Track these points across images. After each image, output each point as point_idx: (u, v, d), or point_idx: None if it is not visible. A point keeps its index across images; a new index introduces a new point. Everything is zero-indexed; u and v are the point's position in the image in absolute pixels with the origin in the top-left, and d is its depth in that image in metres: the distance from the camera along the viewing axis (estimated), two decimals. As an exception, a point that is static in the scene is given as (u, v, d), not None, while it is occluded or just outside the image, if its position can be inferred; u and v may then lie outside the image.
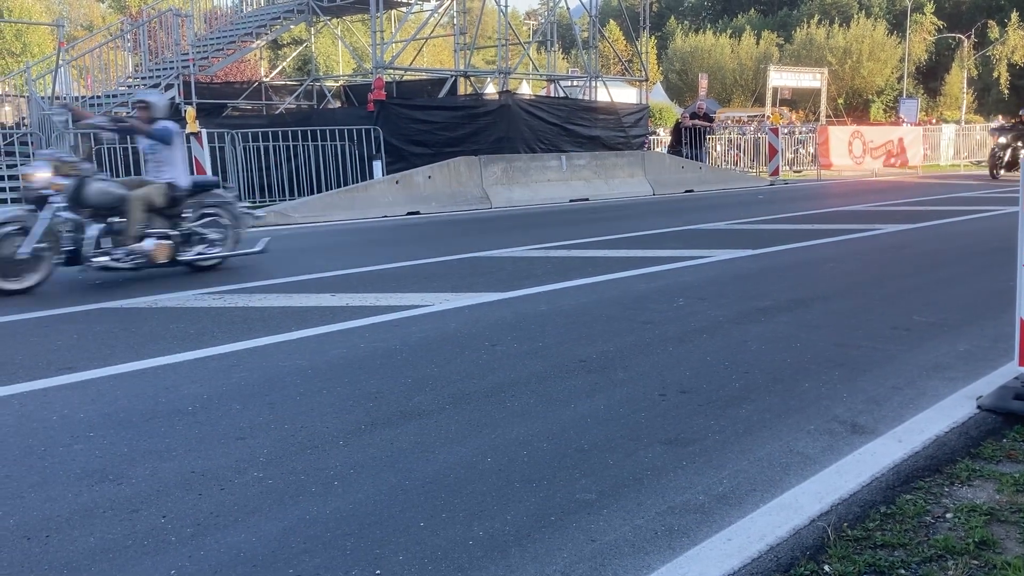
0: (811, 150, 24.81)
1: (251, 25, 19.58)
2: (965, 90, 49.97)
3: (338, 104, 21.55)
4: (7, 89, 20.30)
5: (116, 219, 7.70)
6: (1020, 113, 14.79)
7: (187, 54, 18.00)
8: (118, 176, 13.31)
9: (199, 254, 8.19)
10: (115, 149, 13.48)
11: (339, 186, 14.84)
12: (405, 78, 22.04)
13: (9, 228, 7.15)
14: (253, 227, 9.47)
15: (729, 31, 63.31)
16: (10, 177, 13.51)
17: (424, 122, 16.69)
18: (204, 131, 13.00)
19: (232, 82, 23.48)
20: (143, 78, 18.23)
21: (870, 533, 2.90)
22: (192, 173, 12.57)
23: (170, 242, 7.92)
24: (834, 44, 56.91)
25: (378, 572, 2.69)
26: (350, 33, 28.21)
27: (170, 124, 8.17)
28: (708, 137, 22.14)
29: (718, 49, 60.25)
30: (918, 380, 4.61)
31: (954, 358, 5.03)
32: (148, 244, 7.74)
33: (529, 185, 16.26)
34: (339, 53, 38.09)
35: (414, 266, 8.56)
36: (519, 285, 7.32)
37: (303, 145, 14.96)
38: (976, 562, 2.72)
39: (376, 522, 3.01)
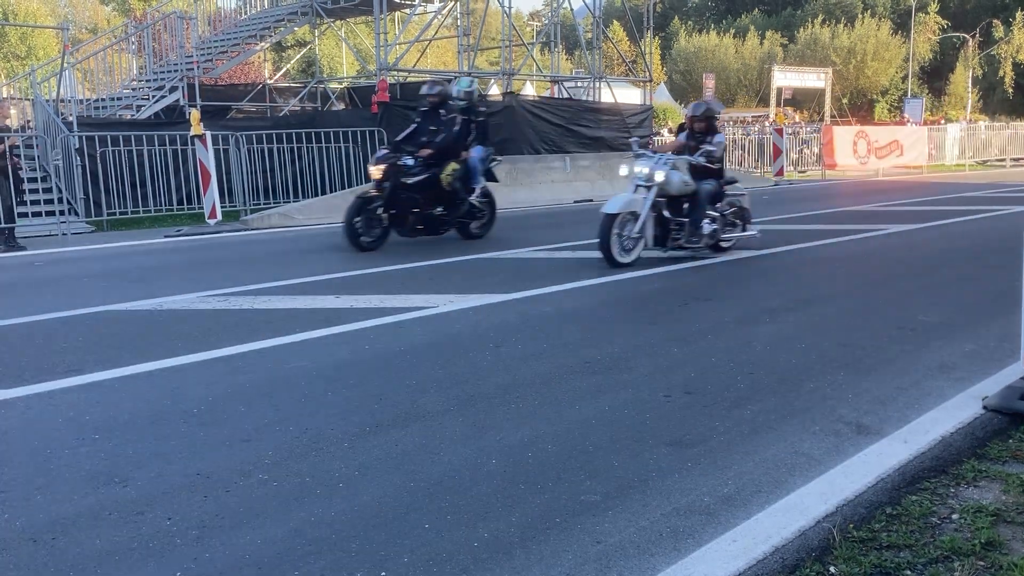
0: (815, 150, 24.76)
1: (255, 27, 19.58)
2: (970, 89, 49.82)
3: (342, 106, 21.55)
4: (12, 92, 20.35)
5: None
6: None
7: (191, 56, 18.00)
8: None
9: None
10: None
11: (343, 188, 14.85)
12: (409, 80, 22.03)
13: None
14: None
15: (733, 31, 63.17)
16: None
17: (428, 123, 16.64)
18: (208, 133, 13.02)
19: (236, 84, 23.48)
20: (148, 80, 18.26)
21: (876, 534, 2.90)
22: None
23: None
24: (838, 44, 56.76)
25: (383, 574, 2.69)
26: (354, 35, 28.21)
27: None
28: (712, 137, 22.07)
29: (722, 49, 60.12)
30: (924, 380, 4.60)
31: (960, 358, 5.02)
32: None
33: (533, 186, 16.25)
34: (343, 55, 38.13)
35: (418, 267, 8.56)
36: (523, 286, 7.32)
37: (307, 147, 14.97)
38: (982, 563, 2.71)
39: (381, 524, 3.02)
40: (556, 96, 21.66)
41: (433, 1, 21.33)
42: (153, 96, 17.39)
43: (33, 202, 12.93)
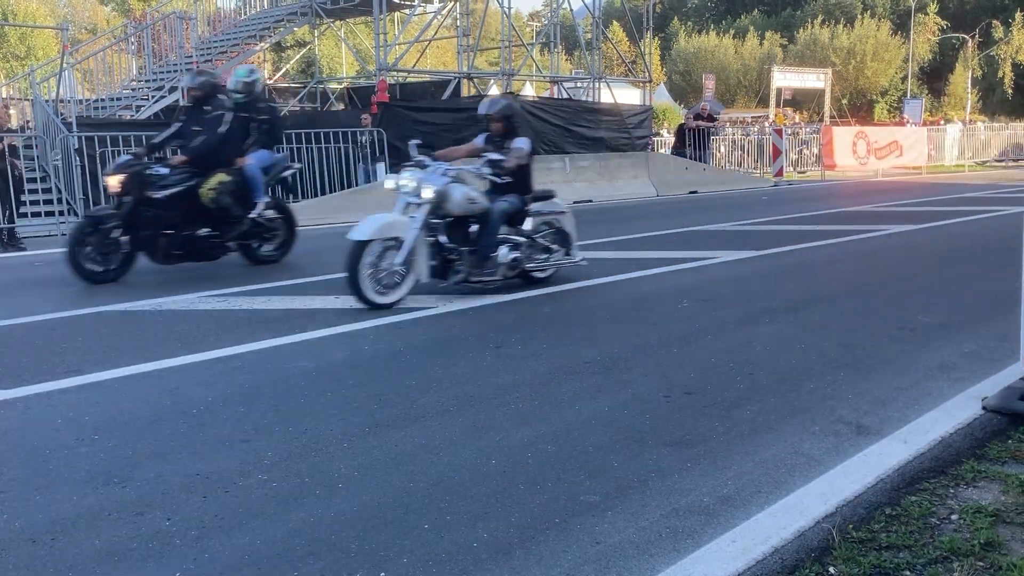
0: (815, 151, 24.77)
1: (255, 27, 19.59)
2: (969, 90, 49.84)
3: (341, 106, 21.57)
4: (12, 92, 20.35)
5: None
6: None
7: (191, 57, 18.01)
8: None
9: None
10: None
11: (343, 188, 14.84)
12: (408, 80, 22.05)
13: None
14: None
15: (732, 31, 63.21)
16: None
17: (427, 124, 16.68)
18: (208, 134, 12.98)
19: (236, 84, 23.46)
20: (147, 81, 18.26)
21: (875, 535, 2.90)
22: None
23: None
24: (838, 44, 56.79)
25: (382, 574, 2.69)
26: (353, 35, 28.21)
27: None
28: (712, 138, 22.11)
29: (721, 50, 60.15)
30: (923, 381, 4.60)
31: (959, 358, 5.02)
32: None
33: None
34: (342, 55, 38.13)
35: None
36: (523, 287, 7.31)
37: (306, 147, 14.97)
38: (982, 563, 2.71)
39: (380, 524, 3.01)
40: (556, 96, 21.66)
41: (433, 1, 21.35)
42: (153, 96, 17.38)
43: (33, 202, 12.93)
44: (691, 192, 18.52)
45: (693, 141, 21.31)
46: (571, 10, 25.71)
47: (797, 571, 2.68)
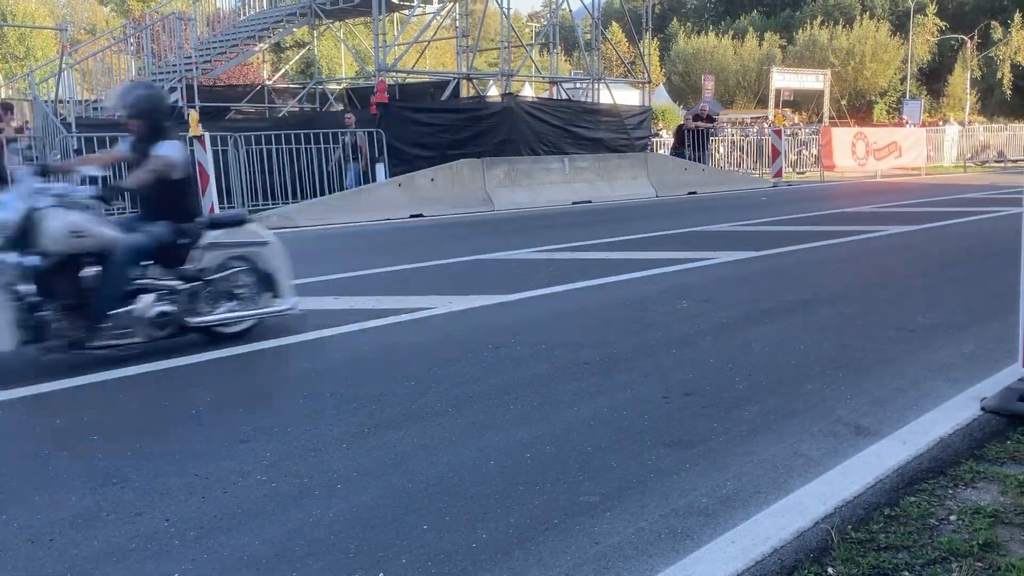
0: (814, 151, 24.78)
1: (254, 28, 19.60)
2: (968, 91, 49.88)
3: (341, 107, 21.57)
4: (11, 93, 20.35)
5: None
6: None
7: (190, 57, 18.01)
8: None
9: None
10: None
11: (342, 189, 14.85)
12: (408, 81, 22.05)
13: None
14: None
15: (731, 32, 63.29)
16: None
17: (427, 125, 16.71)
18: (207, 134, 13.02)
19: (235, 85, 23.47)
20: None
21: (874, 535, 2.90)
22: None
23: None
24: (837, 45, 56.86)
25: (381, 574, 2.69)
26: (353, 36, 28.21)
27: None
28: (711, 139, 22.10)
29: (720, 50, 60.23)
30: (922, 381, 4.60)
31: (958, 359, 5.02)
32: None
33: (532, 187, 16.26)
34: (342, 56, 38.12)
35: (417, 269, 8.56)
36: (522, 287, 7.32)
37: (306, 148, 14.97)
38: (980, 564, 2.71)
39: (379, 525, 3.01)
40: (555, 97, 21.66)
41: (432, 2, 21.35)
42: (152, 97, 17.35)
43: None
44: (690, 193, 18.52)
45: (692, 142, 21.31)
46: (570, 11, 25.71)
47: (796, 572, 2.69)
